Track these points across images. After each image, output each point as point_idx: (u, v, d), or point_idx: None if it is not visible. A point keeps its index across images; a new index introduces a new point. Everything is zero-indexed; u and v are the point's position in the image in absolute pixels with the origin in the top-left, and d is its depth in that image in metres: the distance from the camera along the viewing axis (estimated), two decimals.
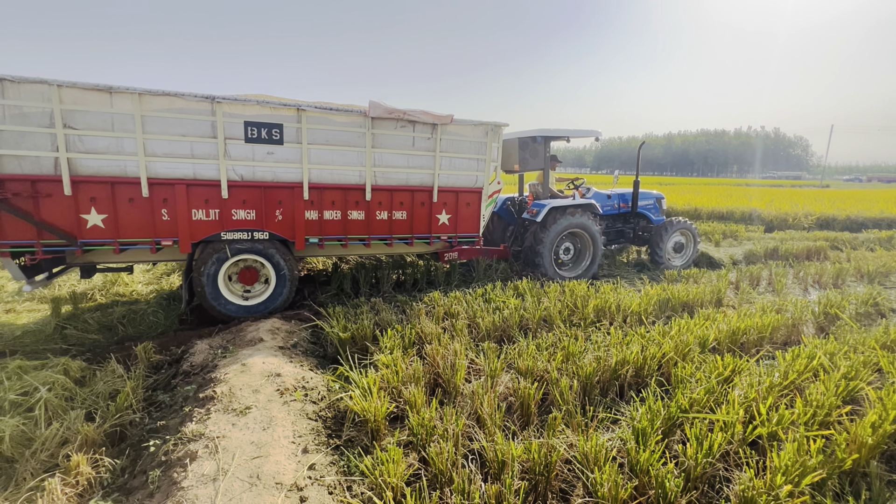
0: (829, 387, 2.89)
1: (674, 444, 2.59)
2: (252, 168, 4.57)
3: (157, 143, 4.19)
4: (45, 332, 4.94)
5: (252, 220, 4.70)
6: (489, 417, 2.65)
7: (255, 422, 2.62)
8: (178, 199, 4.34)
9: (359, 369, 3.29)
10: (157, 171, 4.24)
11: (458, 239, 5.91)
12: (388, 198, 5.28)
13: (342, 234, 5.16)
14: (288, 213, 4.83)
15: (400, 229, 5.48)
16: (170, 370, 3.70)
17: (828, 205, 16.06)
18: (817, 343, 3.72)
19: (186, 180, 4.34)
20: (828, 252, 9.19)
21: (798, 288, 6.79)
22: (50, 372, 3.37)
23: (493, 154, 5.75)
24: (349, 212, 5.12)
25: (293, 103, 4.58)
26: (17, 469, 2.47)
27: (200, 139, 4.31)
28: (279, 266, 4.90)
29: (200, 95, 4.21)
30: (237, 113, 4.38)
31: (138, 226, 4.32)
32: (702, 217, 14.54)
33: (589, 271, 7.01)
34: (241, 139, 4.44)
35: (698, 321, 4.19)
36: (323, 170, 4.87)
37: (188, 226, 4.45)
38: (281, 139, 4.59)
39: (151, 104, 4.08)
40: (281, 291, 4.97)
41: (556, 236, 6.52)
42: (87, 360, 3.83)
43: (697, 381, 3.07)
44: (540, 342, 3.76)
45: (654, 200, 7.93)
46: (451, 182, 5.61)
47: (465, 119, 5.43)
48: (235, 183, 4.53)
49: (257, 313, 4.81)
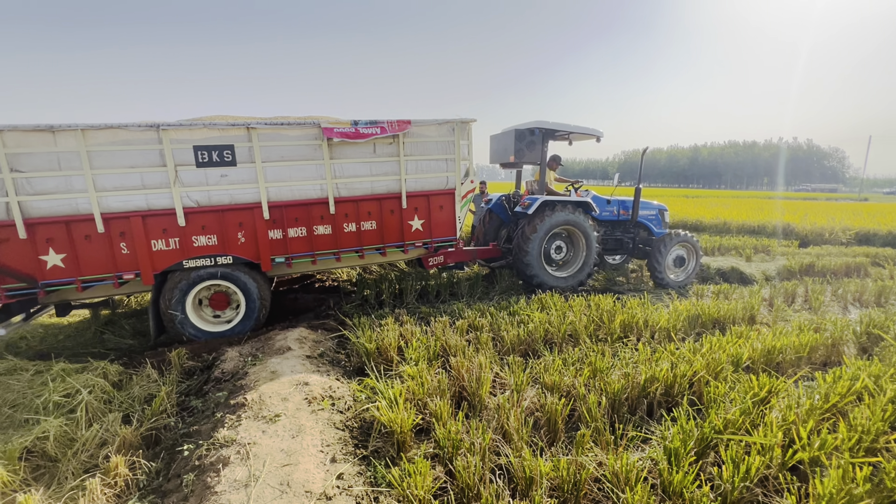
0: (874, 411, 2.74)
1: (707, 467, 2.50)
2: (207, 193, 4.48)
3: (106, 177, 4.12)
4: (85, 336, 5.18)
5: (214, 246, 4.62)
6: (516, 432, 2.63)
7: (284, 429, 2.66)
8: (135, 232, 4.28)
9: (384, 380, 3.32)
10: (109, 205, 4.17)
11: (435, 244, 5.73)
12: (354, 209, 5.12)
13: (310, 250, 5.03)
14: (250, 234, 4.73)
15: (370, 240, 5.32)
16: (202, 376, 3.81)
17: (867, 219, 15.36)
18: (860, 365, 3.54)
19: (141, 212, 4.27)
20: (868, 268, 8.77)
21: (837, 306, 6.50)
22: (90, 375, 3.52)
23: (462, 152, 5.53)
24: (315, 227, 4.98)
25: (242, 122, 4.49)
26: (59, 468, 2.58)
27: (150, 169, 4.24)
28: (247, 289, 4.82)
29: (144, 125, 4.15)
30: (184, 138, 4.29)
31: (98, 262, 4.26)
32: (731, 231, 14.11)
33: (580, 274, 6.74)
34: (191, 164, 4.36)
35: (731, 339, 4.06)
36: (282, 187, 4.75)
37: (148, 257, 4.38)
38: (234, 160, 4.49)
39: (95, 139, 4.01)
40: (252, 314, 4.87)
41: (546, 231, 6.31)
42: (123, 365, 3.98)
43: (731, 401, 2.96)
44: (566, 357, 3.71)
45: (657, 212, 7.63)
46: (420, 186, 5.41)
47: (428, 118, 5.24)
48: (192, 209, 4.44)
49: (231, 336, 4.72)
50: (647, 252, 7.36)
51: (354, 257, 5.31)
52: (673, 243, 7.08)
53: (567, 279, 6.67)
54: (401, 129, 5.04)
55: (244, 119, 4.57)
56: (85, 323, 5.49)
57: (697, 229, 14.76)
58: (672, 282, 7.15)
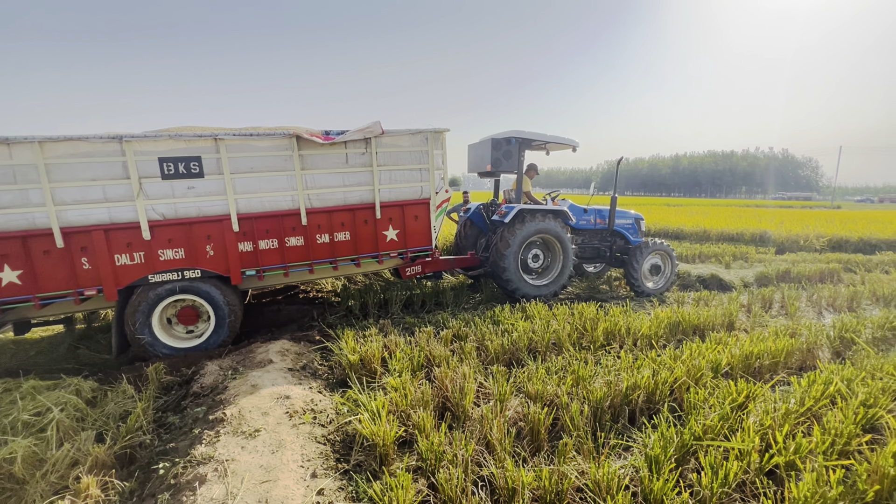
0: (847, 414, 2.82)
1: (688, 473, 2.53)
2: (173, 205, 4.37)
3: (65, 190, 3.99)
4: (59, 351, 5.02)
5: (181, 259, 4.50)
6: (499, 443, 2.62)
7: (264, 445, 2.61)
8: (98, 246, 4.14)
9: (367, 392, 3.28)
10: (69, 219, 4.03)
11: (411, 254, 5.69)
12: (326, 220, 5.04)
13: (281, 262, 4.94)
14: (219, 247, 4.61)
15: (344, 251, 5.23)
16: (180, 391, 3.72)
17: (839, 226, 15.88)
18: (834, 369, 3.64)
19: (103, 226, 4.14)
20: (841, 274, 9.05)
21: (812, 311, 6.68)
22: (63, 392, 3.41)
23: (436, 162, 5.52)
24: (286, 239, 4.89)
25: (209, 133, 4.39)
26: (27, 491, 2.48)
27: (113, 181, 4.12)
28: (216, 303, 4.69)
29: (107, 136, 4.04)
30: (149, 150, 4.19)
31: (57, 278, 4.11)
32: (711, 239, 14.44)
33: (557, 282, 6.78)
34: (157, 177, 4.25)
35: (710, 345, 4.14)
36: (251, 198, 4.66)
37: (112, 272, 4.24)
38: (201, 172, 4.40)
39: (54, 151, 3.90)
40: (222, 328, 4.75)
41: (523, 239, 6.36)
42: (98, 381, 3.87)
43: (711, 407, 3.01)
44: (549, 366, 3.73)
45: (633, 221, 7.77)
46: (394, 196, 5.37)
47: (401, 129, 5.23)
48: (157, 222, 4.33)
49: (200, 352, 4.59)
50: (623, 261, 7.47)
51: (328, 269, 5.23)
52: (648, 251, 7.18)
53: (545, 287, 6.71)
54: (374, 134, 4.99)
55: (213, 130, 4.50)
56: (59, 338, 5.32)
57: (678, 237, 15.06)
58: (650, 290, 7.25)
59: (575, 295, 7.45)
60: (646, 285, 7.25)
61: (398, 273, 5.97)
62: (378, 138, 5.11)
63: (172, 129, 4.89)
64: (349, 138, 4.90)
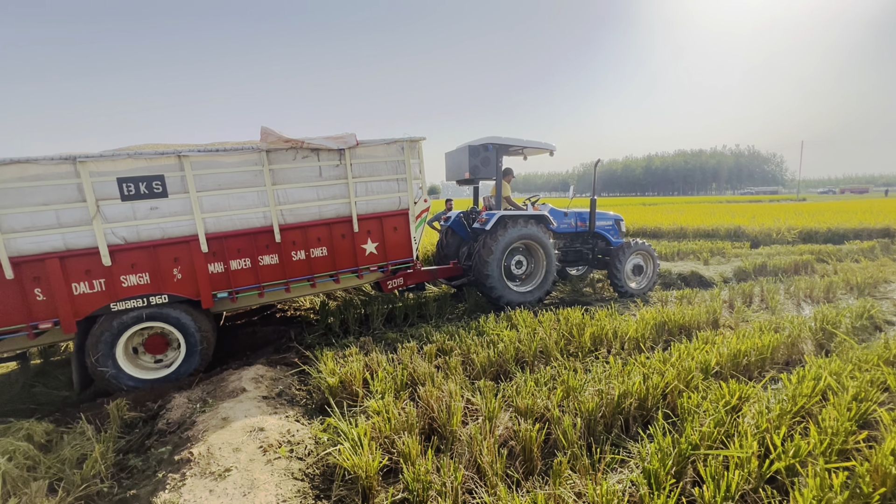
0: (841, 411, 2.77)
1: (687, 486, 2.42)
2: (135, 228, 4.12)
3: (14, 217, 3.71)
4: (13, 390, 4.65)
5: (146, 285, 4.23)
6: (489, 466, 2.47)
7: (234, 486, 2.39)
8: (52, 275, 3.85)
9: (348, 418, 3.09)
10: (19, 248, 3.75)
11: (392, 266, 5.51)
12: (301, 236, 4.83)
13: (255, 282, 4.70)
14: (187, 269, 4.37)
15: (321, 267, 5.02)
16: (144, 428, 3.44)
17: (808, 218, 16.39)
18: (821, 363, 3.62)
19: (58, 253, 3.86)
20: (814, 265, 9.26)
21: (791, 304, 6.77)
22: (11, 438, 3.11)
23: (414, 171, 5.36)
24: (260, 257, 4.67)
25: (172, 151, 4.18)
26: None
27: (67, 205, 3.85)
28: (186, 329, 4.43)
29: (58, 157, 3.78)
30: (107, 170, 3.95)
31: (8, 312, 3.82)
32: (688, 236, 14.68)
33: (542, 288, 6.72)
34: (116, 198, 4.00)
35: (698, 345, 4.08)
36: (220, 217, 4.42)
37: (69, 303, 3.95)
38: (164, 191, 4.16)
39: (0, 175, 3.64)
40: (193, 356, 4.48)
41: (505, 246, 6.29)
42: (54, 421, 3.56)
43: (705, 411, 2.93)
44: (538, 377, 3.60)
45: (613, 222, 7.79)
46: (371, 208, 5.19)
47: (375, 139, 5.10)
48: (118, 247, 4.07)
49: (170, 382, 4.32)
50: (606, 262, 7.45)
51: (306, 286, 5.01)
52: (630, 252, 7.18)
53: (530, 293, 6.62)
54: (348, 145, 4.84)
55: (176, 146, 4.24)
56: (12, 376, 4.93)
57: (657, 236, 15.27)
58: (633, 290, 7.24)
59: (560, 299, 7.38)
60: (629, 286, 7.23)
61: (379, 286, 5.78)
62: (352, 149, 4.94)
63: (133, 148, 4.62)
64: (318, 145, 4.71)
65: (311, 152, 4.76)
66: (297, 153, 4.69)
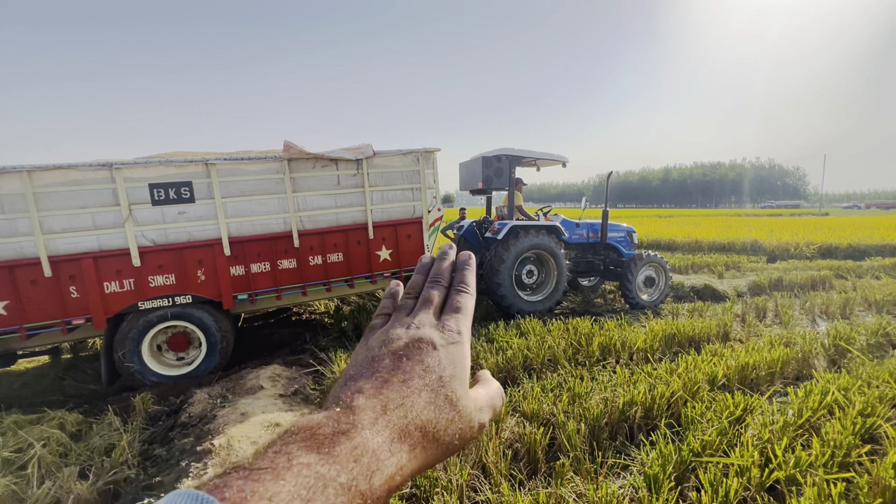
0: (845, 425, 2.79)
1: (687, 492, 2.48)
2: (164, 231, 4.35)
3: (54, 219, 3.96)
4: (44, 383, 4.90)
5: (172, 285, 4.45)
6: (494, 466, 2.56)
7: None
8: (86, 274, 4.09)
9: None
10: (58, 248, 4.00)
11: (404, 273, 5.62)
12: (319, 241, 5.01)
13: (274, 285, 4.89)
14: (210, 272, 4.57)
15: (337, 272, 5.19)
16: (168, 421, 3.62)
17: (828, 233, 16.08)
18: (830, 378, 3.62)
19: (92, 253, 4.10)
20: (832, 281, 9.11)
21: (805, 319, 6.69)
22: (45, 426, 3.31)
23: (428, 181, 5.52)
24: (279, 261, 4.85)
25: (200, 158, 4.39)
26: None
27: (102, 209, 4.10)
28: (208, 329, 4.63)
29: (96, 164, 4.04)
30: (139, 176, 4.19)
31: (45, 308, 4.05)
32: (703, 249, 14.53)
33: (552, 298, 6.77)
34: (147, 203, 4.24)
35: (706, 357, 4.11)
36: (243, 222, 4.64)
37: (100, 300, 4.17)
38: (192, 197, 4.38)
39: (43, 180, 3.89)
40: (213, 354, 4.68)
41: (517, 256, 6.37)
42: (84, 413, 3.77)
43: (709, 421, 2.97)
44: (545, 383, 3.68)
45: (626, 234, 7.79)
46: (386, 216, 5.37)
47: (392, 149, 5.30)
48: (147, 248, 4.29)
49: (191, 379, 4.50)
50: (617, 273, 7.47)
51: (322, 291, 5.18)
52: (642, 264, 7.19)
53: (540, 303, 6.70)
54: (365, 156, 5.03)
55: (204, 154, 4.49)
56: (44, 369, 5.20)
57: (671, 248, 15.15)
58: (644, 302, 7.24)
59: (570, 309, 7.43)
60: (641, 298, 7.24)
61: None
62: (370, 159, 5.13)
63: (163, 155, 4.88)
64: (338, 157, 4.92)
65: (330, 162, 4.95)
66: (316, 162, 4.90)
